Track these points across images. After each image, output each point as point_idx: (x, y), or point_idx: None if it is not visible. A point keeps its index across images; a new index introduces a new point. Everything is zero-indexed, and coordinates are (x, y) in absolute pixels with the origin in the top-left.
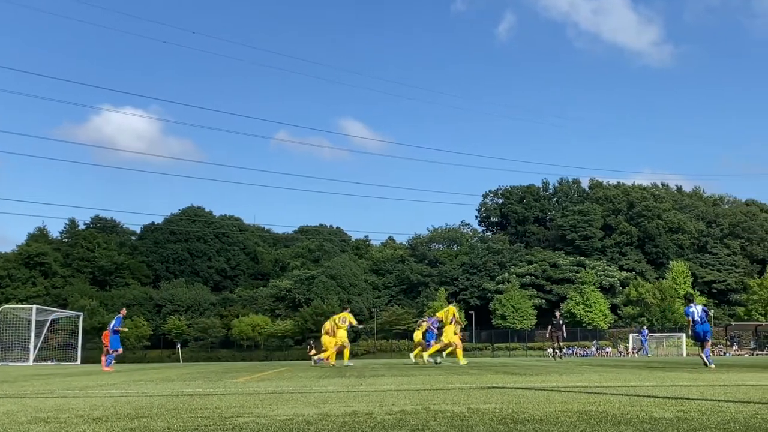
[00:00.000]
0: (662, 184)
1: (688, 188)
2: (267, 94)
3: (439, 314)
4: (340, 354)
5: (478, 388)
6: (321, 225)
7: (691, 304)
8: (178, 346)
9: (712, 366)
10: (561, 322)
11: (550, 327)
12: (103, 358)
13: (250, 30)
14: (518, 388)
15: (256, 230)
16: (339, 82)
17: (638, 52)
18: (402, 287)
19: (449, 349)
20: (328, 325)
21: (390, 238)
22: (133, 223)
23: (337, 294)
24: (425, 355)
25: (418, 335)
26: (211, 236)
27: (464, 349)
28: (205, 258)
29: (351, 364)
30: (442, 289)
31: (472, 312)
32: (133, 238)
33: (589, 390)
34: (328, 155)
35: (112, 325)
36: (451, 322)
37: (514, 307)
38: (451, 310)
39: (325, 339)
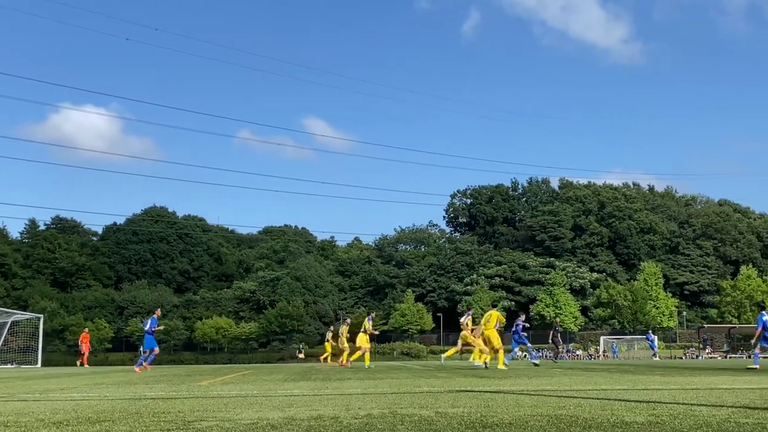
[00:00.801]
0: (634, 184)
1: (660, 188)
2: (230, 92)
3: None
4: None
5: (446, 392)
6: (286, 225)
7: (764, 312)
8: (140, 349)
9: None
10: (559, 328)
11: (552, 332)
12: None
13: (213, 27)
14: (487, 391)
15: (219, 231)
16: (303, 79)
17: (607, 50)
18: (368, 289)
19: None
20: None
21: (356, 238)
22: (95, 223)
23: (302, 296)
24: (479, 358)
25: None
26: (174, 237)
27: (432, 352)
28: (168, 259)
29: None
30: (409, 290)
31: (440, 314)
32: (94, 238)
33: (560, 393)
34: (292, 154)
35: (148, 326)
36: (495, 327)
37: (482, 309)
38: (495, 315)
39: (361, 337)
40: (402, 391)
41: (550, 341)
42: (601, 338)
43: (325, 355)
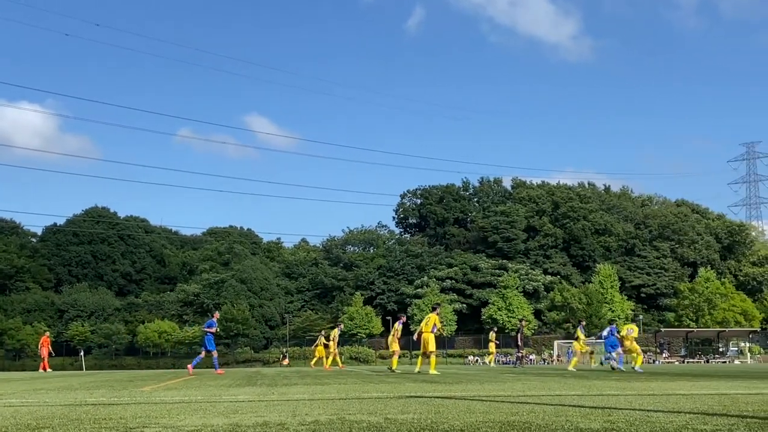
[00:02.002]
0: (589, 184)
1: (615, 188)
2: (170, 88)
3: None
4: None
5: (396, 398)
6: (231, 226)
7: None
8: (81, 353)
9: None
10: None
11: (519, 335)
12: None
13: (153, 23)
14: (437, 397)
15: (162, 232)
16: (246, 76)
17: (556, 46)
18: (316, 291)
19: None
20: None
21: (303, 240)
22: (35, 224)
23: (247, 299)
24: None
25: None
26: (115, 238)
27: (381, 357)
28: (109, 261)
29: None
30: (358, 293)
31: (389, 318)
32: (33, 240)
33: (512, 399)
34: (235, 153)
35: (208, 327)
36: (432, 331)
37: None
38: (433, 318)
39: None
40: (350, 397)
41: (520, 343)
42: (555, 342)
43: (315, 360)
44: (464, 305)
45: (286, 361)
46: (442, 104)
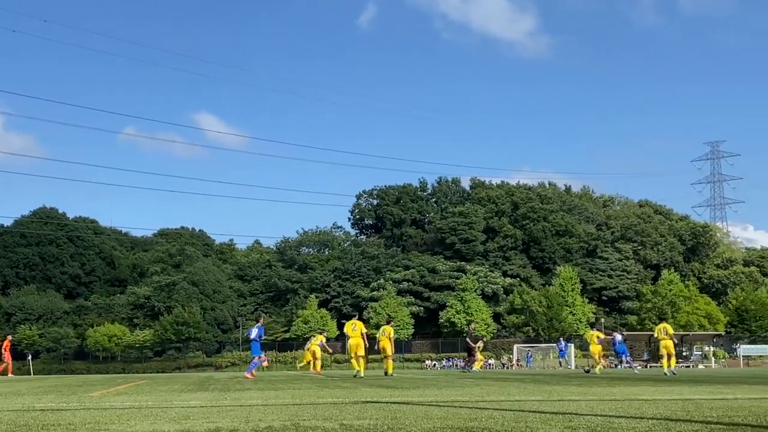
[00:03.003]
0: (549, 184)
1: (576, 188)
2: (116, 85)
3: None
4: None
5: (351, 403)
6: (182, 227)
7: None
8: (29, 357)
9: None
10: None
11: (469, 338)
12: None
13: (98, 18)
14: (394, 402)
15: (112, 233)
16: (193, 72)
17: (512, 43)
18: (269, 294)
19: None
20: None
21: (256, 241)
22: None
23: (199, 302)
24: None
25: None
26: (64, 239)
27: (337, 362)
28: (57, 263)
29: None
30: (312, 296)
31: (344, 321)
32: None
33: (471, 405)
34: (184, 152)
35: (254, 334)
36: (361, 336)
37: (389, 315)
38: (388, 330)
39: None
40: (305, 402)
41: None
42: (515, 346)
43: (303, 363)
44: (421, 308)
45: (265, 364)
46: (397, 102)
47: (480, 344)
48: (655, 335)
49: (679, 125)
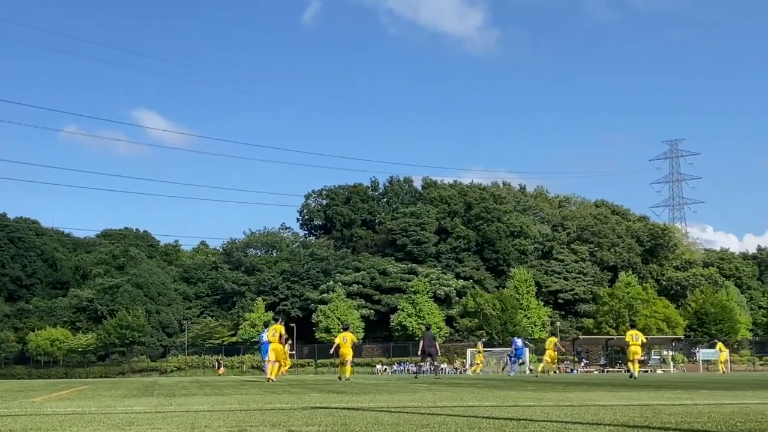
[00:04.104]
0: (503, 184)
1: (530, 188)
2: (53, 81)
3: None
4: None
5: (300, 409)
6: (126, 228)
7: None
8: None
9: None
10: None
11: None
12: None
13: (35, 10)
14: (345, 408)
15: (54, 234)
16: (133, 68)
17: (460, 39)
18: (215, 297)
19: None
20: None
21: (202, 242)
22: None
23: (144, 304)
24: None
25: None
26: (5, 241)
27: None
28: None
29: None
30: (260, 299)
31: (293, 325)
32: None
33: (423, 410)
34: (126, 151)
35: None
36: (280, 341)
37: (339, 318)
38: (350, 336)
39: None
40: (252, 408)
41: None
42: (468, 350)
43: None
44: (372, 311)
45: (221, 371)
46: (345, 100)
47: (480, 346)
48: (626, 339)
49: (637, 123)
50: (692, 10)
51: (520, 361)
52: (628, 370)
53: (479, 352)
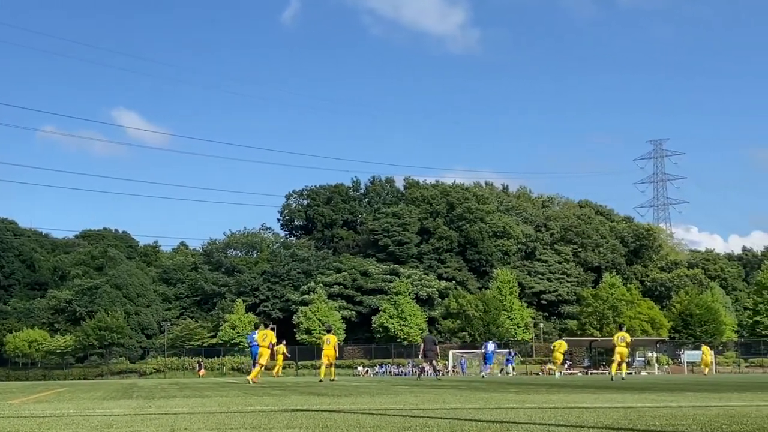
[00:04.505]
0: (486, 184)
1: (513, 188)
2: (30, 80)
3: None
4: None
5: (281, 411)
6: (105, 229)
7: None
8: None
9: None
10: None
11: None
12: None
13: (10, 8)
14: (325, 410)
15: (32, 235)
16: (111, 66)
17: (442, 38)
18: (195, 298)
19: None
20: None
21: (182, 243)
22: None
23: (122, 306)
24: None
25: None
26: None
27: (266, 368)
28: None
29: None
30: (240, 300)
31: (274, 326)
32: None
33: (405, 413)
34: (104, 151)
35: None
36: (269, 347)
37: (320, 320)
38: (333, 339)
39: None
40: (232, 410)
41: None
42: (450, 352)
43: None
44: (353, 312)
45: (202, 372)
46: (327, 100)
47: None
48: (614, 341)
49: (621, 122)
50: (677, 7)
51: (489, 363)
52: (609, 372)
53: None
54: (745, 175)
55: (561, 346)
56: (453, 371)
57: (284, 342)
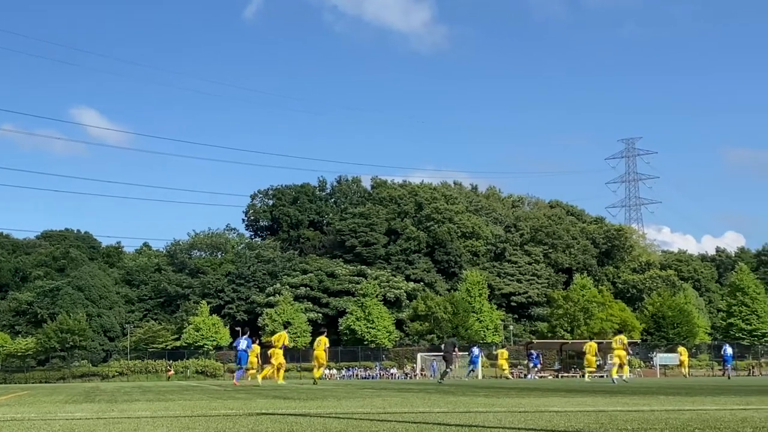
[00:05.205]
0: (455, 183)
1: (483, 188)
2: None
3: (273, 338)
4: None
5: (246, 415)
6: (67, 230)
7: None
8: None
9: None
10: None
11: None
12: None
13: None
14: (291, 414)
15: None
16: (69, 63)
17: (406, 36)
18: (159, 300)
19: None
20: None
21: (145, 244)
22: None
23: (85, 308)
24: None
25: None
26: None
27: (230, 371)
28: None
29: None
30: (204, 302)
31: (238, 329)
32: None
33: (372, 417)
34: (64, 150)
35: (244, 345)
36: (281, 347)
37: (286, 322)
38: (283, 336)
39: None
40: (196, 414)
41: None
42: (418, 355)
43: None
44: (320, 315)
45: (171, 372)
46: (292, 98)
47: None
48: (613, 345)
49: (592, 121)
50: (647, 6)
51: (473, 367)
52: (610, 375)
53: (505, 359)
54: (718, 175)
55: (591, 348)
56: (422, 374)
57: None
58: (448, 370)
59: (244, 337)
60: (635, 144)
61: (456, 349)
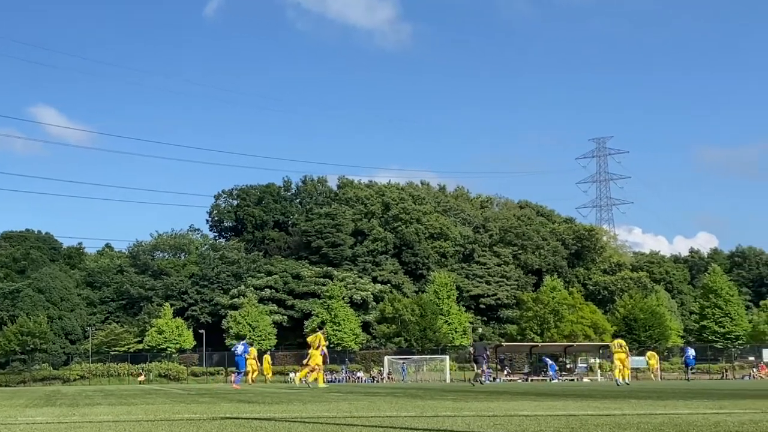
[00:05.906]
0: (422, 183)
1: (451, 188)
2: None
3: (309, 339)
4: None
5: (209, 419)
6: (27, 230)
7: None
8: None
9: None
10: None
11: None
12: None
13: None
14: (256, 418)
15: None
16: (27, 60)
17: (370, 33)
18: (121, 302)
19: (314, 374)
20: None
21: (107, 245)
22: None
23: (45, 310)
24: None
25: None
26: None
27: (194, 374)
28: None
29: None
30: (168, 304)
31: (202, 331)
32: None
33: (338, 421)
34: (22, 149)
35: (241, 350)
36: (317, 348)
37: (251, 324)
38: (319, 337)
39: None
40: (159, 419)
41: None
42: (386, 358)
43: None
44: (285, 317)
45: (142, 377)
46: (256, 96)
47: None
48: (611, 349)
49: (562, 120)
50: (615, 2)
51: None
52: (614, 378)
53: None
54: (690, 175)
55: (653, 357)
56: (389, 378)
57: (269, 352)
58: (479, 372)
59: (242, 342)
60: (606, 143)
61: (487, 352)
